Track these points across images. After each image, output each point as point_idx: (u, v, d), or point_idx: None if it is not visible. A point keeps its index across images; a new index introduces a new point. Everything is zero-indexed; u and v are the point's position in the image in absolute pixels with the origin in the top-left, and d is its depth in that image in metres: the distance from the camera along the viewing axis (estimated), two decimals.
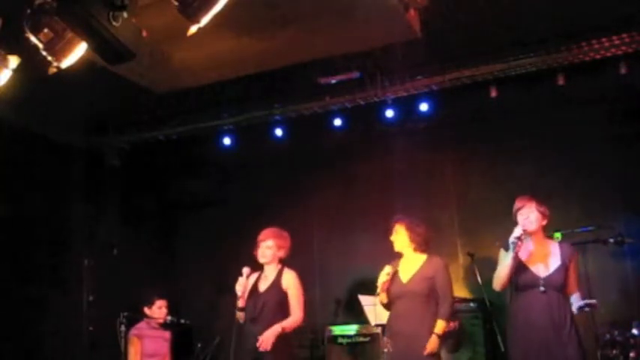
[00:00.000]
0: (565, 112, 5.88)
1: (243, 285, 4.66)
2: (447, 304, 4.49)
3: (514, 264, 4.19)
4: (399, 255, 4.69)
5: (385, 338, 4.59)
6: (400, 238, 4.65)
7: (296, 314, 4.69)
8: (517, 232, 4.16)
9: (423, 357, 4.33)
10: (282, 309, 4.68)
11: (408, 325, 4.42)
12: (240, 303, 4.65)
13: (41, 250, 6.18)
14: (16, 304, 5.80)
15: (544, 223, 4.33)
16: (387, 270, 4.51)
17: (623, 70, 5.31)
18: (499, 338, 5.10)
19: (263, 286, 4.78)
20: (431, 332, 4.38)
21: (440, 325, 4.41)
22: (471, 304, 5.57)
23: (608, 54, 5.22)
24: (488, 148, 6.23)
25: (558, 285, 4.20)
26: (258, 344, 4.50)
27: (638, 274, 5.52)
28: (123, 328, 5.32)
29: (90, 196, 6.81)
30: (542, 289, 4.16)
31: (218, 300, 6.62)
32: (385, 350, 4.48)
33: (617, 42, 5.10)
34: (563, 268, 4.23)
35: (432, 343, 4.37)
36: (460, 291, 5.98)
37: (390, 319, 4.65)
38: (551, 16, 4.93)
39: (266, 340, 4.50)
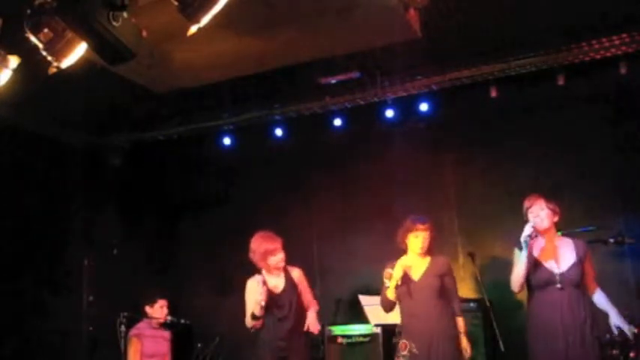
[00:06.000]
0: (565, 112, 5.87)
1: (264, 293, 4.67)
2: (458, 301, 4.60)
3: (529, 263, 4.19)
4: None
5: (405, 340, 4.39)
6: (427, 238, 4.53)
7: (314, 303, 4.96)
8: (528, 230, 4.16)
9: (449, 357, 4.32)
10: (301, 302, 4.92)
11: (426, 324, 4.35)
12: (260, 312, 4.67)
13: (41, 249, 6.17)
14: (15, 304, 5.80)
15: (555, 219, 4.33)
16: (406, 262, 4.40)
17: (623, 70, 5.32)
18: (499, 338, 5.09)
19: (279, 288, 4.86)
20: (448, 331, 4.39)
21: (462, 323, 4.52)
22: (471, 304, 5.55)
23: (608, 54, 5.22)
24: (488, 148, 6.21)
25: (575, 281, 4.18)
26: (310, 329, 4.74)
27: (638, 274, 5.52)
28: (123, 328, 5.31)
29: (90, 196, 6.81)
30: (558, 285, 4.15)
31: (218, 300, 6.63)
32: (404, 353, 4.34)
33: (617, 42, 5.10)
34: (580, 264, 4.23)
35: (466, 343, 4.45)
36: (460, 291, 5.95)
37: (405, 319, 4.51)
38: (551, 16, 4.93)
39: (315, 323, 4.80)
